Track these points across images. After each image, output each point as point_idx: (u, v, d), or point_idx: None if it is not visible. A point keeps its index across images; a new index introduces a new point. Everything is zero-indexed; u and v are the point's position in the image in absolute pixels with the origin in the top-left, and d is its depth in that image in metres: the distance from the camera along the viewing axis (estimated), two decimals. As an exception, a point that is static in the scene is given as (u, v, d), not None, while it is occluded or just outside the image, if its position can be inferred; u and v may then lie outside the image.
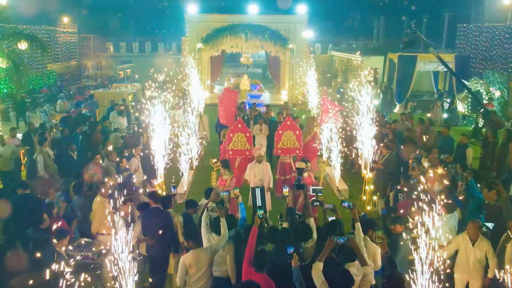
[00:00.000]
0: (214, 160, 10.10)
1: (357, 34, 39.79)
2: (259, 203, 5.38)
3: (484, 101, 18.01)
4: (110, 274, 6.03)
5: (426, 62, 21.13)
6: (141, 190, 7.30)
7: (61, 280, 4.36)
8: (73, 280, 4.56)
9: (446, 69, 21.15)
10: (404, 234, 5.50)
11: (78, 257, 5.81)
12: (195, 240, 5.40)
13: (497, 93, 18.64)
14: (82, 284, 4.56)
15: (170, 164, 9.40)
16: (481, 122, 16.94)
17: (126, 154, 9.04)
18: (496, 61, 20.49)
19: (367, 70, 10.10)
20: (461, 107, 20.11)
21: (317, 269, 4.54)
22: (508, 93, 18.48)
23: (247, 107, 15.80)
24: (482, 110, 16.71)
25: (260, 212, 5.17)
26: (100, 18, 36.03)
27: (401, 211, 6.69)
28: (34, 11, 26.80)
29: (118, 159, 8.68)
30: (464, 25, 24.64)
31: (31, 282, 4.88)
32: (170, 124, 9.37)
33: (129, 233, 4.67)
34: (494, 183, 6.55)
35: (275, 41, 23.10)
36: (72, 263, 4.93)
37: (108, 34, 35.05)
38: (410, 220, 5.26)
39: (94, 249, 6.17)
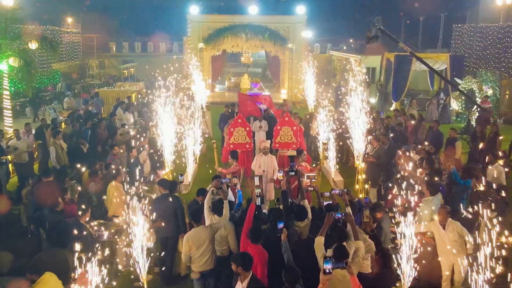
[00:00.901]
0: (213, 141, 10.83)
1: (355, 34, 40.39)
2: (257, 182, 6.02)
3: (477, 99, 18.61)
4: (124, 250, 6.70)
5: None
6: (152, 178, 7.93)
7: (87, 250, 4.94)
8: (95, 251, 5.17)
9: (442, 68, 21.93)
10: (384, 218, 6.14)
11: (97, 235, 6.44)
12: (197, 220, 5.98)
13: (490, 91, 19.26)
14: (103, 255, 5.18)
15: (176, 155, 10.05)
16: (473, 119, 17.55)
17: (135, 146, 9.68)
18: (489, 60, 21.12)
19: (358, 69, 10.65)
20: (455, 105, 20.73)
21: (319, 243, 5.07)
22: (500, 91, 19.13)
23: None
24: (475, 107, 17.33)
25: (258, 191, 5.80)
26: (103, 19, 36.62)
27: (390, 197, 7.32)
28: (39, 12, 27.49)
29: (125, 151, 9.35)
30: (459, 25, 25.27)
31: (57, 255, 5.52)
32: (176, 118, 10.00)
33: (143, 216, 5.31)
34: (472, 168, 7.16)
35: (274, 41, 23.64)
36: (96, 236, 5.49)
37: (111, 34, 35.68)
38: (396, 207, 5.88)
39: (112, 230, 6.80)
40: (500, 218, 5.05)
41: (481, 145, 10.62)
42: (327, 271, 4.33)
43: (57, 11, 31.56)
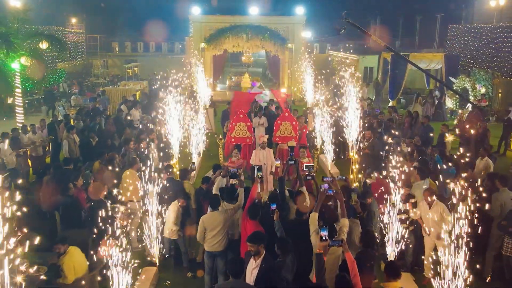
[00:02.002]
0: (220, 137, 11.57)
1: (354, 34, 40.92)
2: (258, 167, 6.70)
3: (470, 97, 19.26)
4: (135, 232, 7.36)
5: (418, 61, 22.36)
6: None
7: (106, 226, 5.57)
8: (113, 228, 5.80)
9: (438, 68, 22.58)
10: (373, 203, 6.80)
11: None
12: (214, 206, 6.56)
13: (483, 90, 19.90)
14: (120, 231, 5.81)
15: (181, 148, 10.73)
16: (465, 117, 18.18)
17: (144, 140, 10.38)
18: (483, 60, 21.74)
19: (350, 69, 11.38)
20: (450, 103, 21.37)
21: (313, 218, 5.64)
22: (492, 90, 19.77)
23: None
24: (468, 105, 17.99)
25: (259, 173, 6.46)
26: (106, 19, 37.25)
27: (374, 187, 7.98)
28: (44, 12, 28.12)
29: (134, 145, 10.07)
30: (455, 25, 25.88)
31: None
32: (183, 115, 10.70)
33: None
34: (453, 157, 7.83)
35: (274, 41, 24.19)
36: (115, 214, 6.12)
37: (114, 34, 36.29)
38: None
39: (126, 213, 7.43)
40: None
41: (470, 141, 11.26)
42: (323, 238, 4.82)
43: (61, 12, 32.18)
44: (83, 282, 5.71)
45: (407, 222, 6.99)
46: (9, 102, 17.14)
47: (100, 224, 5.80)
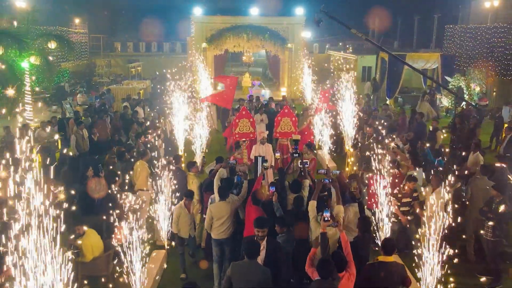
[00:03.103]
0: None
1: (353, 34, 41.43)
2: (262, 157, 7.25)
3: (465, 95, 19.80)
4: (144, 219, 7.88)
5: (414, 60, 22.93)
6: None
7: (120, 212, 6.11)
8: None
9: (434, 67, 23.13)
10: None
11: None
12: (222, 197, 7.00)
13: (477, 89, 20.45)
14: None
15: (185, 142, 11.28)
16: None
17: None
18: (478, 60, 22.26)
19: (345, 69, 12.00)
20: (445, 102, 21.92)
21: (312, 206, 6.19)
22: (486, 89, 20.32)
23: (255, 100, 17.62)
24: (462, 103, 18.52)
25: (265, 164, 7.02)
26: (108, 19, 37.78)
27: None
28: (47, 13, 28.60)
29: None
30: (451, 26, 26.40)
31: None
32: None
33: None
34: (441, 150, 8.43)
35: (274, 41, 24.64)
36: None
37: (116, 34, 36.83)
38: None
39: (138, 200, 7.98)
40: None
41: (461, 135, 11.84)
42: (326, 218, 5.42)
43: (65, 12, 32.68)
44: (100, 261, 6.26)
45: (410, 211, 7.56)
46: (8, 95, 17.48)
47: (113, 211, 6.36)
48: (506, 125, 12.87)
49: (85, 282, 6.29)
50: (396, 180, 7.55)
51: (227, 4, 37.25)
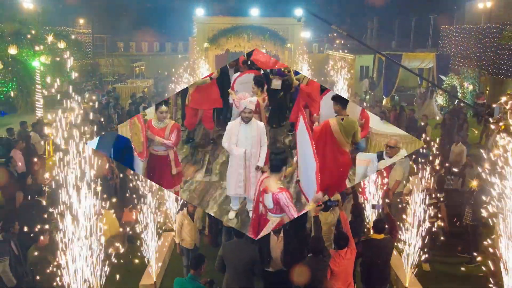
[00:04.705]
0: None
1: (352, 35, 42.06)
2: None
3: (458, 94, 20.49)
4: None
5: (411, 60, 23.64)
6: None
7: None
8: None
9: (429, 66, 23.84)
10: None
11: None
12: None
13: (470, 87, 21.11)
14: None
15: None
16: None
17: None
18: (472, 59, 22.92)
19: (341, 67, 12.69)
20: (440, 100, 22.62)
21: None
22: (479, 87, 21.00)
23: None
24: (457, 101, 19.22)
25: None
26: (111, 19, 38.40)
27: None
28: (53, 13, 29.29)
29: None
30: (446, 26, 27.09)
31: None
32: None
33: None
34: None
35: (274, 41, 25.31)
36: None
37: (119, 34, 37.44)
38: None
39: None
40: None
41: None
42: (319, 204, 6.11)
43: (68, 13, 33.32)
44: (117, 240, 6.96)
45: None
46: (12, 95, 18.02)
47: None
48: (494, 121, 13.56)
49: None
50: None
51: (228, 5, 37.92)
